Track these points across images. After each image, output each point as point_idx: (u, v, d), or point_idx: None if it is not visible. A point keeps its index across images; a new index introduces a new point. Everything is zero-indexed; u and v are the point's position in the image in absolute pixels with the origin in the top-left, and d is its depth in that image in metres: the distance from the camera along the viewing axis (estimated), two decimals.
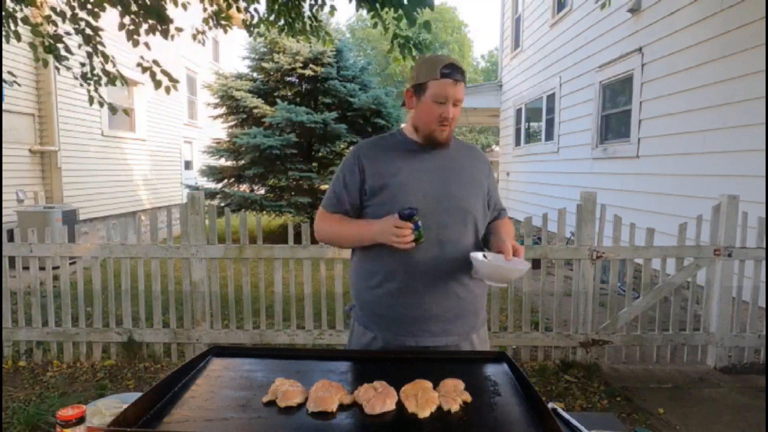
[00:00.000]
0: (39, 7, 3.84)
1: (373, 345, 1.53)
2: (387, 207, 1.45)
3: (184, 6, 4.36)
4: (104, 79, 4.22)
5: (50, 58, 3.94)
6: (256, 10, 4.76)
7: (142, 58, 3.98)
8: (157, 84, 4.09)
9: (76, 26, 3.92)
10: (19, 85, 5.70)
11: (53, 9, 3.90)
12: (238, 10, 4.70)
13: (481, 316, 1.61)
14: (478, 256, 1.42)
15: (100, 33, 4.06)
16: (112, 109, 4.31)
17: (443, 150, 1.53)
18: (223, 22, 4.73)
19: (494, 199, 1.65)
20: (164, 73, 4.06)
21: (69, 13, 3.86)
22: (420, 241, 1.36)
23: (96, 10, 3.91)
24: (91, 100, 4.16)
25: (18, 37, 3.72)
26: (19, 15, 3.74)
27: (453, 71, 1.41)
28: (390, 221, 1.36)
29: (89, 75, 4.18)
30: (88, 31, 3.98)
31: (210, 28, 4.83)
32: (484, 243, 1.61)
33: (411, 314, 1.47)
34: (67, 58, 3.98)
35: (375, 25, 4.41)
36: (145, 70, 4.03)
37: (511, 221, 1.74)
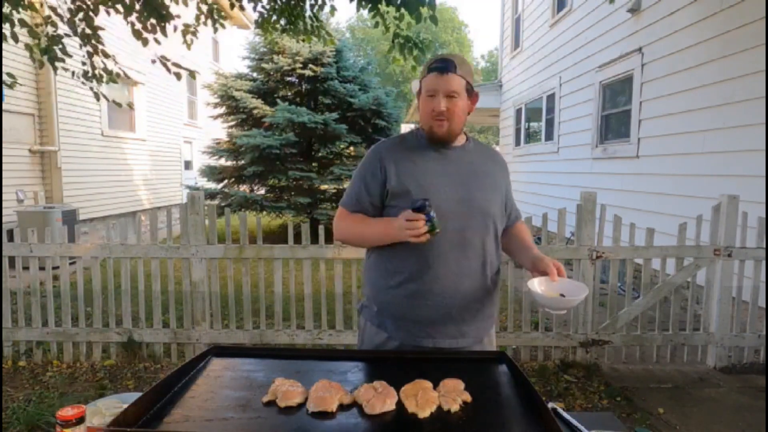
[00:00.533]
0: (37, 10, 3.85)
1: (388, 345, 1.51)
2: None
3: (185, 2, 4.36)
4: (105, 77, 4.25)
5: (45, 59, 3.97)
6: (263, 7, 4.76)
7: (158, 56, 4.06)
8: (178, 76, 4.17)
9: (73, 28, 3.93)
10: (21, 85, 5.71)
11: (53, 9, 3.90)
12: (242, 8, 4.71)
13: (493, 314, 1.62)
14: (534, 287, 1.40)
15: (99, 33, 4.09)
16: (119, 104, 4.37)
17: (463, 152, 1.53)
18: (218, 21, 4.71)
19: (511, 202, 1.66)
20: (176, 65, 4.12)
21: (66, 16, 3.87)
22: (435, 232, 1.31)
23: (90, 14, 3.92)
24: (96, 96, 4.20)
25: (15, 38, 3.72)
26: (16, 17, 3.74)
27: (440, 64, 1.42)
28: (403, 215, 1.34)
29: (90, 74, 4.21)
30: (87, 30, 3.99)
31: (204, 24, 4.80)
32: (505, 251, 1.63)
33: (430, 316, 1.47)
34: (63, 60, 4.00)
35: (376, 25, 4.41)
36: (164, 65, 4.12)
37: (524, 224, 1.73)
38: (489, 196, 1.52)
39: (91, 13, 3.95)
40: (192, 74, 4.23)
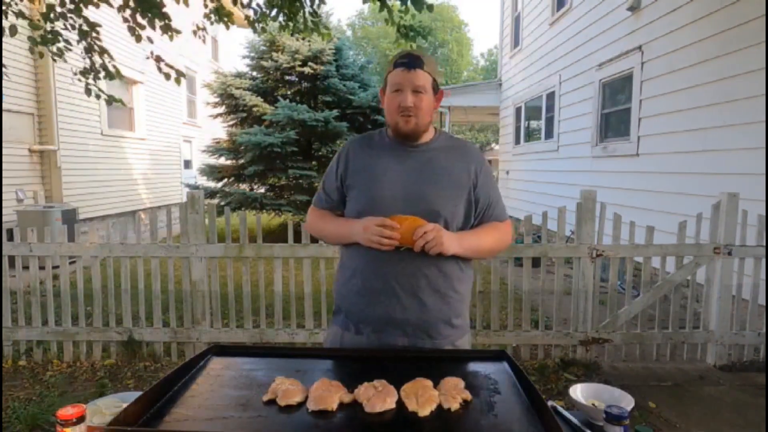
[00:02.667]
0: (38, 4, 3.88)
1: (335, 333, 1.56)
2: (357, 203, 1.48)
3: (186, 2, 4.38)
4: (102, 74, 4.28)
5: (46, 50, 4.02)
6: (258, 5, 4.78)
7: (152, 53, 4.10)
8: (166, 76, 4.22)
9: (70, 23, 3.95)
10: (20, 84, 5.77)
11: (50, 6, 3.91)
12: (242, 5, 4.72)
13: (456, 325, 1.50)
14: (577, 395, 1.25)
15: (97, 30, 4.12)
16: (110, 100, 4.42)
17: (425, 149, 1.50)
18: (225, 18, 4.78)
19: (486, 199, 1.51)
20: (169, 66, 4.17)
21: (59, 10, 3.89)
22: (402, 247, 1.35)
23: (82, 6, 3.95)
24: (88, 92, 4.21)
25: (14, 31, 3.73)
26: (13, 9, 3.77)
27: (407, 60, 1.42)
28: (372, 220, 1.36)
29: (87, 70, 4.25)
30: (85, 27, 4.01)
31: (212, 23, 4.88)
32: None
33: (373, 313, 1.45)
34: (63, 52, 4.04)
35: (386, 22, 4.52)
36: (157, 60, 4.17)
37: (503, 225, 1.55)
38: (443, 193, 1.44)
39: (83, 6, 3.97)
40: (177, 79, 4.23)
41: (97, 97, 4.29)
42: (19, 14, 3.80)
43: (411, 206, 1.42)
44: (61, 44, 4.05)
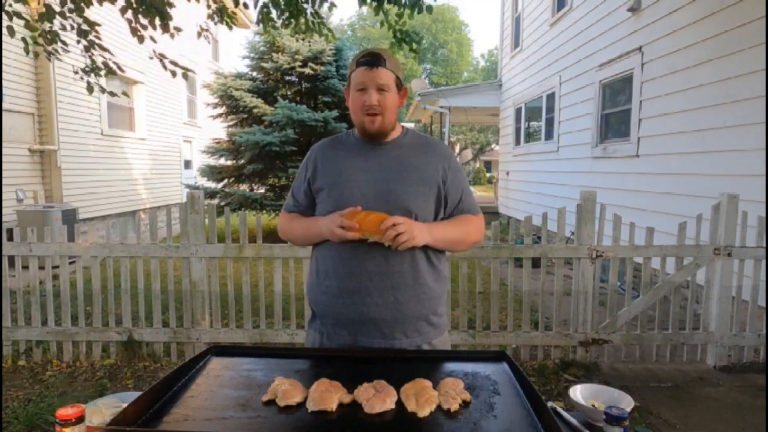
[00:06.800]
0: (36, 4, 3.89)
1: (313, 339, 1.56)
2: (326, 204, 1.47)
3: None
4: (103, 71, 4.30)
5: (41, 50, 4.06)
6: (265, 5, 4.79)
7: (154, 52, 4.13)
8: (172, 74, 4.23)
9: (69, 22, 3.97)
10: (20, 84, 5.79)
11: (47, 6, 3.92)
12: (245, 6, 4.74)
13: (433, 323, 1.51)
14: (577, 397, 1.25)
15: (97, 29, 4.13)
16: (112, 94, 4.45)
17: (392, 147, 1.51)
18: (227, 19, 4.79)
19: (457, 194, 1.52)
20: (174, 63, 4.17)
21: (59, 9, 3.90)
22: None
23: (82, 5, 3.96)
24: (90, 90, 4.23)
25: (11, 33, 3.75)
26: (10, 8, 3.77)
27: (369, 59, 1.42)
28: (333, 215, 1.37)
29: (87, 68, 4.27)
30: (84, 26, 4.03)
31: (215, 23, 4.90)
32: None
33: (347, 314, 1.45)
34: (57, 52, 4.06)
35: (382, 24, 4.52)
36: (161, 62, 4.18)
37: (474, 218, 1.55)
38: (411, 190, 1.44)
39: (83, 5, 3.98)
40: (185, 75, 4.25)
41: (102, 91, 4.33)
42: (15, 14, 3.79)
43: (381, 204, 1.42)
44: (58, 45, 4.06)
